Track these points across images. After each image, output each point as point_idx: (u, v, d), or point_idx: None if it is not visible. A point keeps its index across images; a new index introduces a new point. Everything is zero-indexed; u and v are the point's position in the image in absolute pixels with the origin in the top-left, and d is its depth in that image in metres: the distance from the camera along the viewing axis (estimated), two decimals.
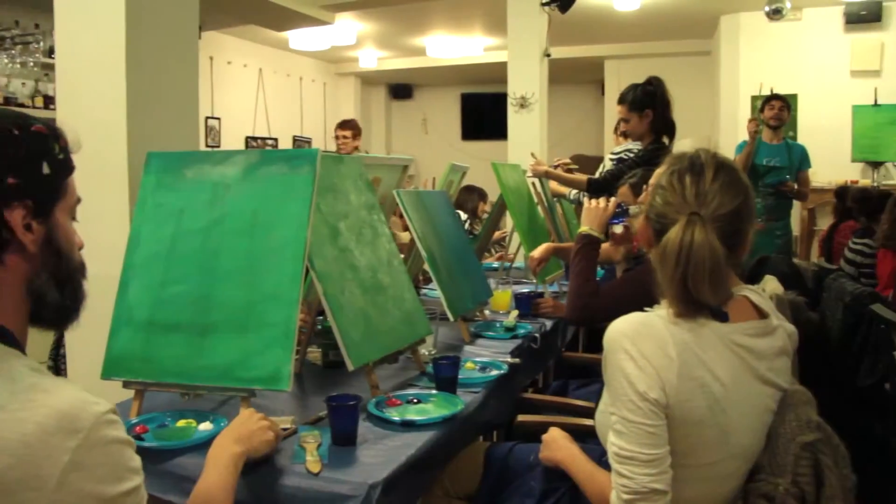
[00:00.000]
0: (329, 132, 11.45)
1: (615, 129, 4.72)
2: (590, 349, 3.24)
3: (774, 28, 7.97)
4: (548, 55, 6.44)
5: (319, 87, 11.32)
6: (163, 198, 1.89)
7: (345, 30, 8.77)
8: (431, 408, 1.83)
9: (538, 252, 2.96)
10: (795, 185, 5.43)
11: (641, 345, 1.35)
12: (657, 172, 1.55)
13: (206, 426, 1.67)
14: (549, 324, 2.81)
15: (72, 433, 0.87)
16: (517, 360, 2.27)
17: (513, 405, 2.31)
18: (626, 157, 3.75)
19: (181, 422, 1.70)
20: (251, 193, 1.84)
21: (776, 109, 5.38)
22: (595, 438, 1.65)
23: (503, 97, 6.43)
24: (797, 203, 6.00)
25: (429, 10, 8.32)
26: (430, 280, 2.89)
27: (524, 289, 3.33)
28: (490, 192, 5.86)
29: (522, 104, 6.23)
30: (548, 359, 2.86)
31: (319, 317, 2.33)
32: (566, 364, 2.97)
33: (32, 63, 6.31)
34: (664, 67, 10.12)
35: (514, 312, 2.78)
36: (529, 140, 6.11)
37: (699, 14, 8.36)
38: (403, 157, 2.83)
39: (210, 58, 8.87)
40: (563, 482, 1.70)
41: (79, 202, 1.09)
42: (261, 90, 9.85)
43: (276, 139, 10.08)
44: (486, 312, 2.90)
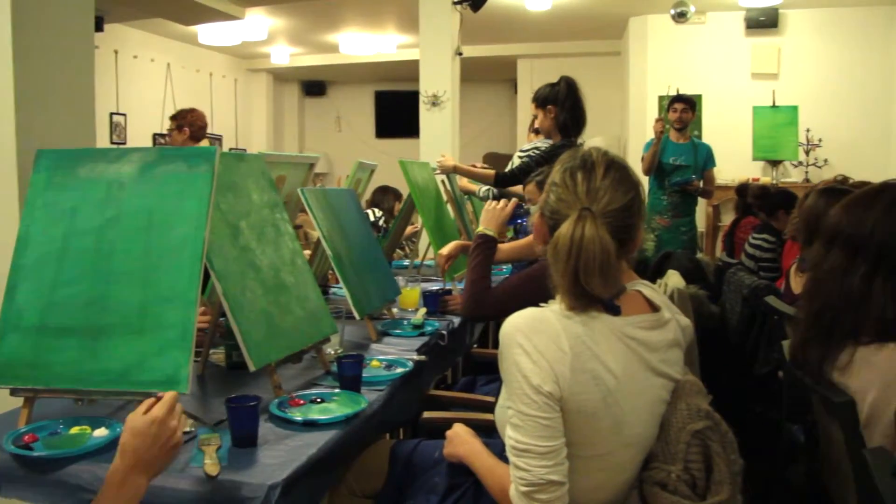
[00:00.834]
0: (241, 129, 11.26)
1: (530, 127, 4.79)
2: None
3: (680, 31, 8.21)
4: (460, 54, 6.48)
5: (230, 84, 11.11)
6: (54, 197, 1.82)
7: (255, 25, 8.64)
8: (335, 407, 1.82)
9: (447, 250, 2.98)
10: (701, 184, 5.61)
11: (535, 339, 1.38)
12: (553, 171, 1.58)
13: (102, 432, 1.61)
14: (458, 321, 2.82)
15: None
16: (423, 358, 2.28)
17: (419, 402, 2.32)
18: (534, 154, 3.80)
19: (75, 429, 1.64)
20: (147, 192, 1.79)
21: (679, 112, 5.56)
22: None
23: (417, 95, 6.44)
24: (702, 200, 6.20)
25: (341, 7, 8.28)
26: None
27: (433, 286, 3.34)
28: (405, 191, 5.87)
29: (434, 102, 6.25)
30: (456, 355, 2.87)
31: (223, 318, 2.29)
32: (475, 360, 2.99)
33: None
34: (576, 67, 10.30)
35: (423, 310, 2.78)
36: (441, 138, 6.15)
37: (609, 15, 8.55)
38: (309, 155, 2.80)
39: (115, 51, 8.61)
40: (468, 477, 1.72)
41: None
42: (169, 86, 9.61)
43: None
44: (395, 311, 2.90)
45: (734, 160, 7.88)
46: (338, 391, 1.91)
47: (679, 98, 5.67)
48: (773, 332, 3.08)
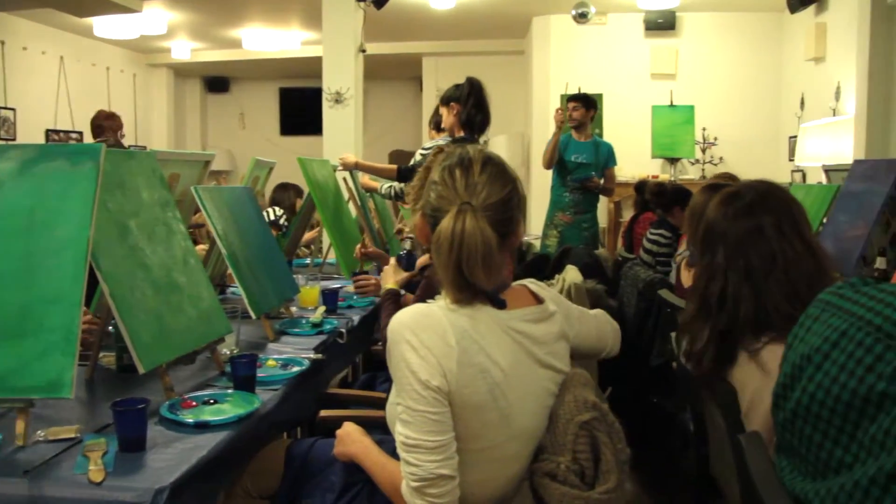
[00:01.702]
0: (141, 125, 10.93)
1: (430, 123, 4.82)
2: None
3: (582, 31, 8.39)
4: (363, 51, 6.46)
5: (129, 79, 10.76)
6: None
7: (154, 18, 8.39)
8: (228, 408, 1.79)
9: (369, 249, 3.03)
10: (602, 181, 5.73)
11: (422, 335, 1.40)
12: (432, 170, 1.60)
13: None
14: (357, 318, 2.82)
15: None
16: (320, 356, 2.26)
17: (317, 401, 2.30)
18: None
19: None
20: (28, 190, 1.73)
21: (570, 111, 5.67)
22: None
23: (322, 92, 6.38)
24: (605, 197, 6.34)
25: (244, 1, 8.13)
26: None
27: (334, 284, 3.32)
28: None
29: (338, 99, 6.22)
30: (356, 353, 2.87)
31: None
32: (375, 357, 2.99)
33: None
34: (481, 65, 10.42)
35: (322, 308, 2.76)
36: (345, 135, 6.12)
37: (512, 15, 8.66)
38: (204, 153, 2.75)
39: (1, 42, 8.22)
40: (363, 474, 1.72)
41: None
42: (62, 79, 9.24)
43: (81, 133, 9.48)
44: (293, 309, 2.87)
45: (634, 158, 8.10)
46: (231, 392, 1.88)
47: (574, 97, 5.77)
48: (667, 325, 3.18)
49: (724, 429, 1.70)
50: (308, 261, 4.06)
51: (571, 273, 3.08)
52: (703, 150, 8.42)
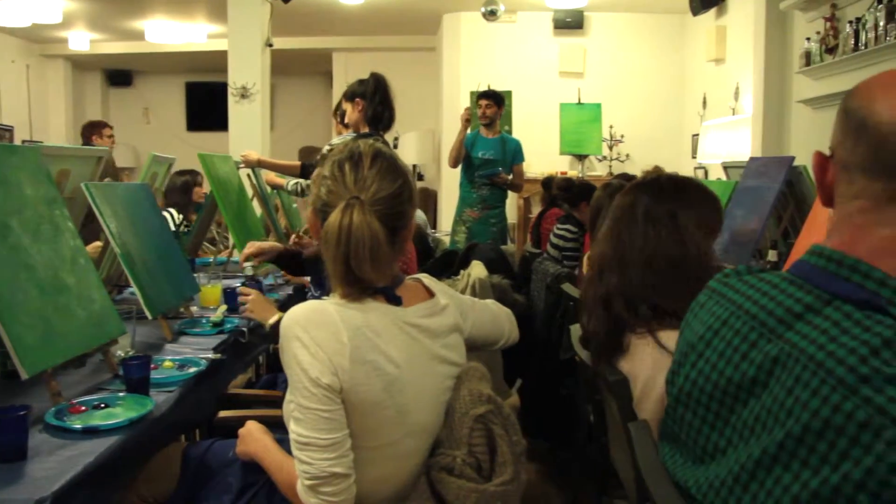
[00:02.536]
0: (36, 120, 10.48)
1: (334, 117, 4.77)
2: None
3: (492, 28, 8.46)
4: (270, 45, 6.36)
5: (21, 70, 10.27)
6: None
7: (48, 6, 8.00)
8: (119, 411, 1.73)
9: (248, 250, 2.78)
10: (510, 177, 5.78)
11: (313, 331, 1.38)
12: (323, 165, 1.58)
13: None
14: None
15: None
16: (219, 356, 2.21)
17: (217, 402, 2.25)
18: None
19: None
20: None
21: (482, 108, 5.70)
22: None
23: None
24: (512, 193, 6.40)
25: None
26: None
27: (238, 283, 3.25)
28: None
29: (244, 94, 6.10)
30: (259, 352, 2.81)
31: None
32: (278, 356, 2.93)
33: None
34: (391, 61, 10.39)
35: (223, 307, 2.70)
36: (251, 131, 6.02)
37: (422, 11, 8.66)
38: (97, 148, 2.65)
39: None
40: (261, 475, 1.69)
41: None
42: None
43: None
44: (194, 309, 2.80)
45: (543, 154, 8.21)
46: (123, 395, 1.82)
47: (484, 94, 5.81)
48: (573, 318, 3.23)
49: (619, 418, 1.73)
50: (210, 259, 3.97)
51: (477, 268, 3.10)
52: (611, 147, 8.61)
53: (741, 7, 7.07)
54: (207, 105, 11.47)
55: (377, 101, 3.64)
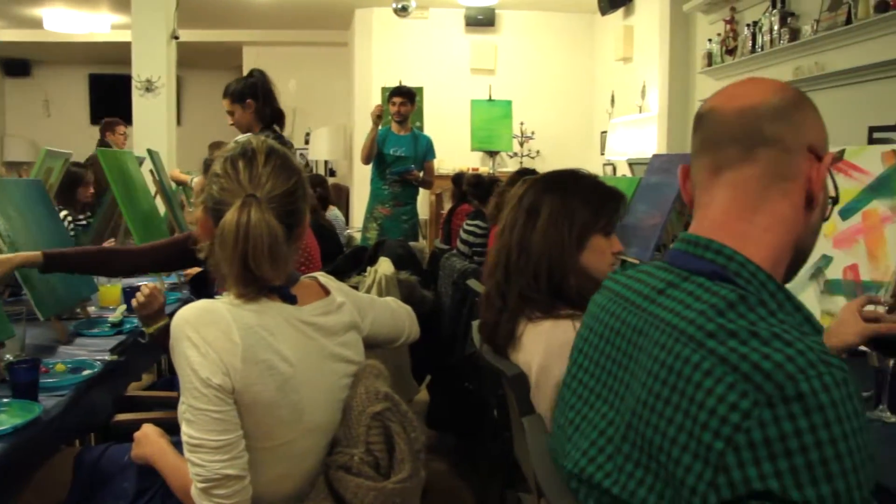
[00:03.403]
0: None
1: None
2: None
3: (404, 24, 8.46)
4: (176, 37, 6.20)
5: None
6: None
7: None
8: (4, 418, 1.66)
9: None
10: (421, 174, 5.78)
11: (203, 331, 1.36)
12: (214, 163, 1.56)
13: None
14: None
15: None
16: (115, 357, 2.15)
17: (114, 405, 2.19)
18: None
19: None
20: None
21: (397, 105, 5.69)
22: None
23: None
24: (424, 189, 6.41)
25: None
26: None
27: (141, 282, 3.16)
28: None
29: (149, 88, 5.94)
30: (160, 353, 2.75)
31: None
32: None
33: None
34: (304, 56, 10.28)
35: (122, 307, 2.63)
36: (157, 125, 5.87)
37: (335, 6, 8.60)
38: None
39: None
40: (157, 479, 1.65)
41: None
42: None
43: None
44: (91, 309, 2.72)
45: (454, 151, 8.26)
46: (9, 401, 1.75)
47: (398, 91, 5.79)
48: (477, 314, 3.25)
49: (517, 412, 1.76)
50: None
51: (384, 265, 3.10)
52: (521, 144, 8.72)
53: (647, 8, 7.25)
54: (112, 98, 11.06)
55: (271, 100, 3.56)
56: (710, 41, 5.92)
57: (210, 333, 1.36)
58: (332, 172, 10.25)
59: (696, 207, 1.07)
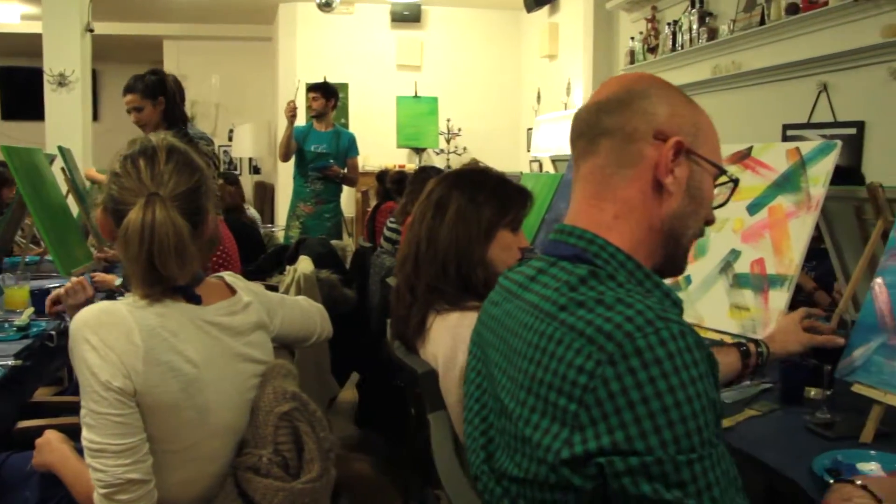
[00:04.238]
0: None
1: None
2: None
3: (329, 20, 8.38)
4: (91, 30, 6.02)
5: None
6: None
7: None
8: None
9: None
10: (343, 171, 5.74)
11: (103, 333, 1.33)
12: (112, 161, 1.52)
13: None
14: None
15: None
16: (20, 362, 2.08)
17: (19, 412, 2.11)
18: None
19: None
20: None
21: (309, 100, 5.64)
22: None
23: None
24: (349, 187, 6.37)
25: None
26: None
27: (51, 284, 3.06)
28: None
29: (62, 82, 5.75)
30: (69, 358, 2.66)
31: None
32: None
33: None
34: (226, 51, 10.11)
35: (30, 310, 2.54)
36: (71, 121, 5.69)
37: (258, 0, 8.46)
38: None
39: None
40: (61, 488, 1.60)
41: None
42: None
43: None
44: None
45: (381, 148, 8.24)
46: None
47: (312, 87, 5.73)
48: None
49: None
50: (18, 258, 3.71)
51: (304, 263, 3.07)
52: (448, 141, 8.74)
53: (572, 5, 7.36)
54: (25, 92, 10.64)
55: (180, 98, 3.47)
56: (633, 39, 6.04)
57: (110, 335, 1.33)
58: (257, 170, 10.12)
59: (570, 200, 1.13)
